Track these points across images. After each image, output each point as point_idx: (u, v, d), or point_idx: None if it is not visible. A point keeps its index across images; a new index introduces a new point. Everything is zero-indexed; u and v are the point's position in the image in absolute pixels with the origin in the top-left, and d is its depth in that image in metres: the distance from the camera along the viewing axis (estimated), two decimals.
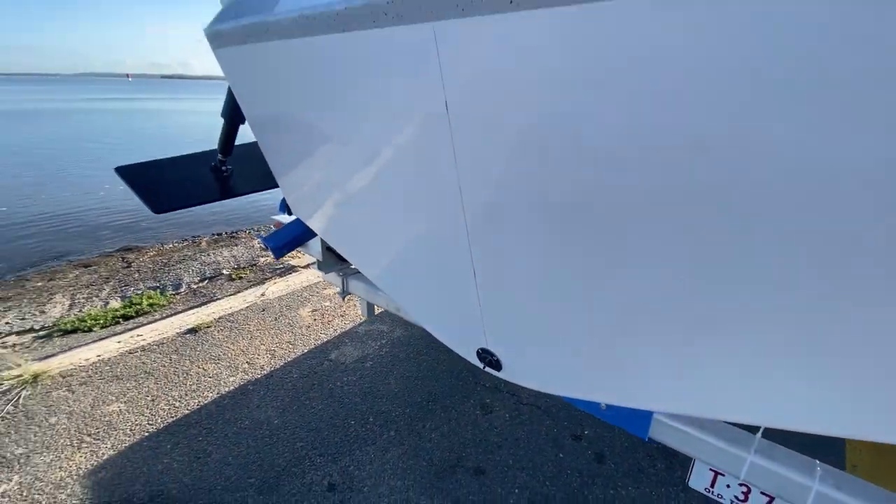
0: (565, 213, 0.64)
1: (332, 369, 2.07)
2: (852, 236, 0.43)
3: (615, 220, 0.60)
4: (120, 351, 2.22)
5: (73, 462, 1.55)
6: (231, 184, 1.43)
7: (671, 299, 0.63)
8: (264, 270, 3.37)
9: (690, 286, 0.58)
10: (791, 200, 0.44)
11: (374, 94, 0.78)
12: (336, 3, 0.71)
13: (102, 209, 6.66)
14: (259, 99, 1.12)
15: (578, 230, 0.65)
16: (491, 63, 0.57)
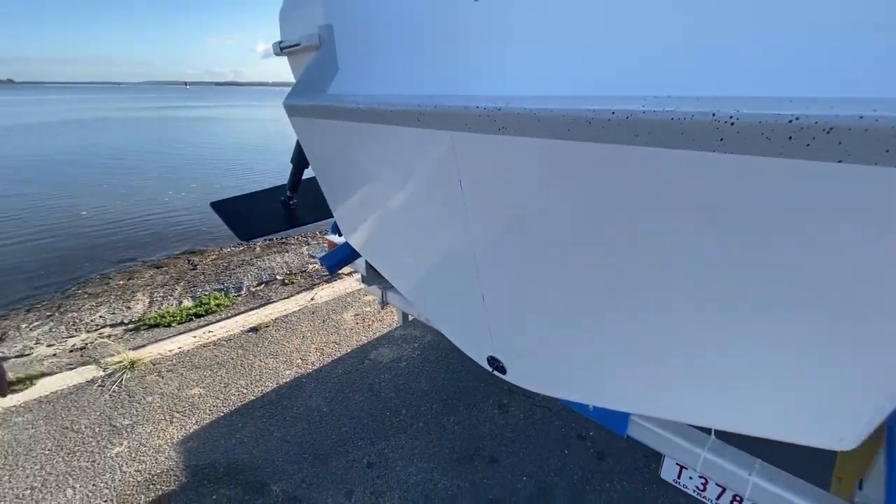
0: (549, 251, 0.90)
1: (371, 367, 2.38)
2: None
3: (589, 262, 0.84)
4: (196, 344, 2.64)
5: (167, 433, 1.93)
6: (297, 214, 1.77)
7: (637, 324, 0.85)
8: (313, 277, 3.76)
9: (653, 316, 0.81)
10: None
11: (407, 166, 1.06)
12: (383, 102, 1.00)
13: (167, 214, 7.38)
14: (322, 154, 1.43)
15: (561, 266, 0.90)
16: (488, 161, 0.85)
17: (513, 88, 0.97)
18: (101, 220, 6.75)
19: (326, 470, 1.73)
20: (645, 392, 0.97)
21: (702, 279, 0.65)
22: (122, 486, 1.67)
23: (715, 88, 0.54)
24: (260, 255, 4.74)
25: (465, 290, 1.17)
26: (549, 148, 0.69)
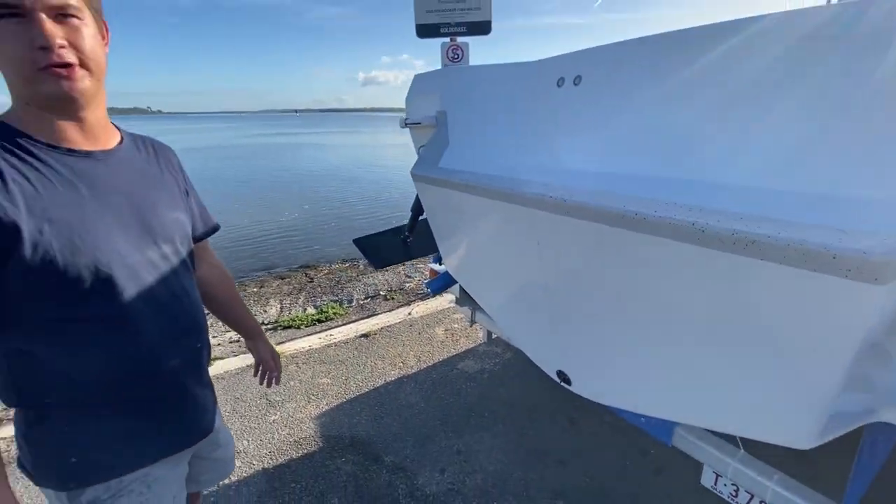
0: (599, 289, 1.24)
1: (459, 376, 2.83)
2: None
3: (632, 301, 1.18)
4: (321, 344, 3.30)
5: (306, 410, 2.55)
6: (412, 249, 2.30)
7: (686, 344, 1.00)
8: (409, 294, 4.35)
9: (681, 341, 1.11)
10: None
11: (496, 224, 1.48)
12: (476, 181, 1.44)
13: (285, 231, 8.62)
14: (434, 208, 1.92)
15: (611, 301, 1.24)
16: (557, 229, 1.24)
17: (576, 178, 1.36)
18: (233, 236, 8.05)
19: (424, 451, 2.20)
20: (679, 402, 1.27)
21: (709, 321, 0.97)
22: (279, 443, 2.28)
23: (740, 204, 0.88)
24: (364, 272, 5.48)
25: (538, 316, 1.56)
26: (597, 229, 1.06)
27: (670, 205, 0.93)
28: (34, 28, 0.69)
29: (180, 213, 0.98)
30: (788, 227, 0.75)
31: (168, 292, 0.90)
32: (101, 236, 0.79)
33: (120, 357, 0.84)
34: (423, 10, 3.59)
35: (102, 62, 0.80)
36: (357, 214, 10.02)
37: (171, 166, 1.01)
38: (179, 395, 0.96)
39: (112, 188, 0.84)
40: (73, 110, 0.79)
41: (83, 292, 0.78)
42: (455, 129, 1.85)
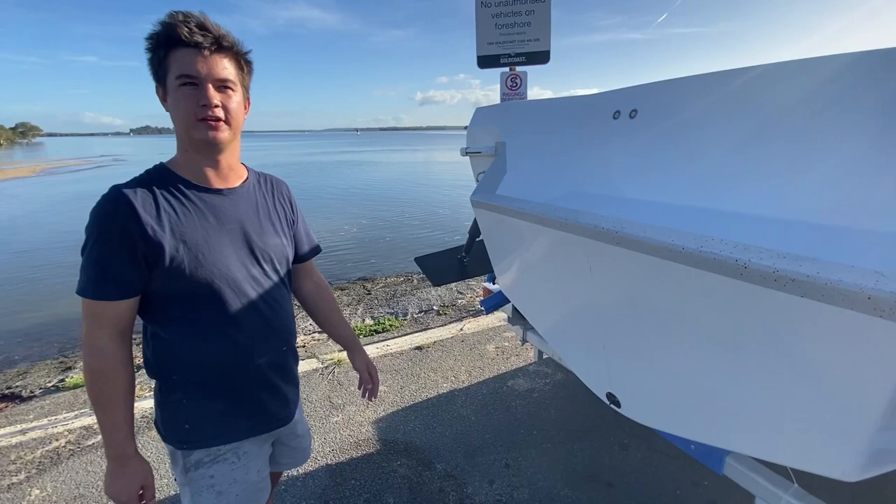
0: (651, 316, 1.31)
1: (509, 393, 2.91)
2: None
3: (683, 326, 1.24)
4: (378, 354, 3.51)
5: (365, 415, 2.74)
6: (468, 269, 2.45)
7: (732, 373, 1.03)
8: (461, 310, 4.49)
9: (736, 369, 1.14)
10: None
11: (550, 249, 1.58)
12: (530, 208, 1.55)
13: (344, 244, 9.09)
14: (491, 231, 2.06)
15: (662, 326, 1.30)
16: (610, 258, 1.34)
17: (628, 207, 1.44)
18: None
19: (474, 462, 2.30)
20: (728, 429, 1.30)
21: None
22: (341, 443, 2.48)
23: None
24: (418, 286, 5.70)
25: (590, 339, 1.63)
26: (647, 260, 1.14)
27: (716, 241, 1.01)
28: (202, 92, 0.95)
29: (282, 238, 1.19)
30: (828, 268, 0.81)
31: (263, 303, 1.11)
32: (217, 256, 1.02)
33: (222, 352, 1.06)
34: (485, 42, 3.81)
35: (240, 122, 1.04)
36: (410, 230, 10.43)
37: (282, 199, 1.25)
38: (266, 388, 1.16)
39: (231, 218, 1.07)
40: (214, 153, 1.03)
41: (201, 297, 1.01)
42: (513, 158, 1.99)
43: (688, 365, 1.23)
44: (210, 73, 0.95)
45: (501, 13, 3.72)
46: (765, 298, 0.91)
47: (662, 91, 1.42)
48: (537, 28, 3.71)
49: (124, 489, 1.00)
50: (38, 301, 6.32)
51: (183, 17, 0.93)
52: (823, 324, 0.83)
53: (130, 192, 0.95)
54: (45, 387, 3.56)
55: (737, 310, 0.99)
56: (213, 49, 0.95)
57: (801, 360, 0.92)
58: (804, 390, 0.95)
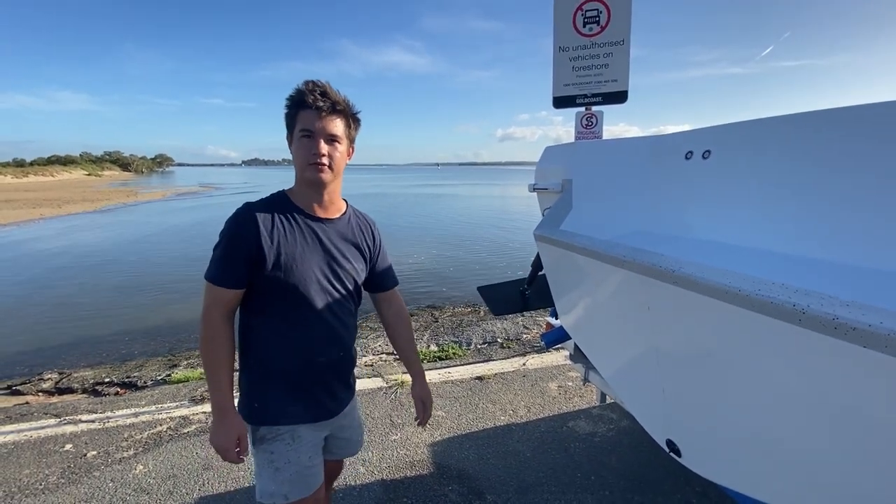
0: (713, 362, 1.26)
1: (568, 434, 2.82)
2: None
3: (733, 372, 1.19)
4: (440, 380, 3.60)
5: (422, 437, 2.81)
6: (530, 301, 2.49)
7: (799, 428, 0.96)
8: (525, 345, 4.45)
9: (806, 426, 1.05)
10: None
11: (611, 286, 1.59)
12: (595, 245, 1.57)
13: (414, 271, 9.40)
14: (553, 265, 2.09)
15: (724, 373, 1.24)
16: (669, 297, 1.33)
17: (692, 247, 1.43)
18: None
19: (525, 499, 2.26)
20: (799, 492, 1.18)
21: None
22: (397, 460, 2.57)
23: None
24: (484, 318, 5.74)
25: (649, 382, 1.59)
26: (707, 302, 1.12)
27: (775, 285, 0.98)
28: (315, 144, 1.23)
29: (358, 264, 1.42)
30: (889, 316, 0.77)
31: (331, 313, 1.33)
32: (306, 269, 1.27)
33: (293, 346, 1.28)
34: (561, 83, 3.92)
35: (341, 167, 1.31)
36: (479, 262, 10.59)
37: (368, 234, 1.47)
38: (321, 384, 1.35)
39: (325, 242, 1.32)
40: (319, 190, 1.30)
41: (288, 299, 1.26)
42: (579, 195, 2.04)
43: (753, 415, 1.17)
44: (323, 129, 1.22)
45: (580, 56, 3.83)
46: (827, 347, 0.88)
47: (736, 132, 1.41)
48: (615, 69, 3.76)
49: (225, 439, 1.23)
50: (158, 307, 7.35)
51: (312, 86, 1.21)
52: (888, 375, 0.78)
53: (256, 210, 1.24)
54: (156, 379, 4.12)
55: (797, 358, 0.95)
56: (328, 111, 1.22)
57: (875, 419, 0.86)
58: (884, 453, 0.87)
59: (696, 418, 1.44)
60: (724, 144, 1.48)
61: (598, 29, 3.73)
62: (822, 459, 1.01)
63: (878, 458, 0.88)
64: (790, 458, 1.09)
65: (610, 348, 1.87)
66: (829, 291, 0.92)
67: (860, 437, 0.90)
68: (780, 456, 1.13)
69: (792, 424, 1.05)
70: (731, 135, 1.46)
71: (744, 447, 1.28)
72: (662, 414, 1.60)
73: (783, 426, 1.08)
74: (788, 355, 0.98)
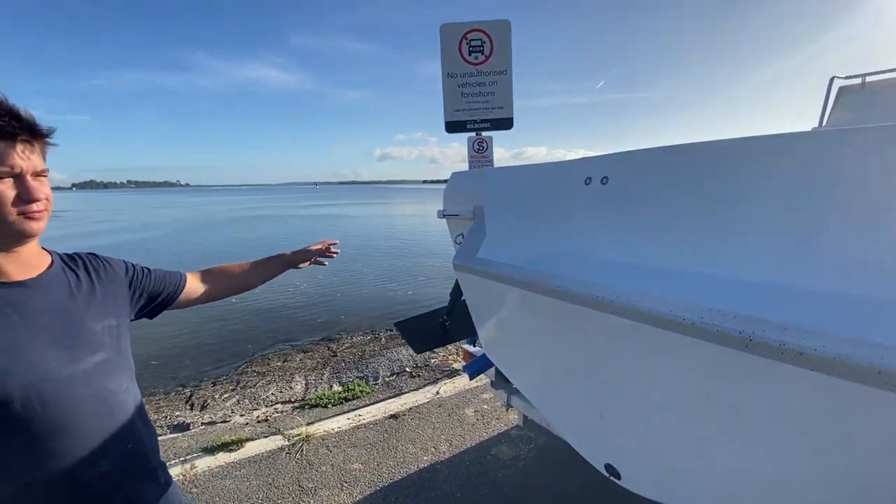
0: (652, 385, 1.28)
1: (493, 463, 2.77)
2: None
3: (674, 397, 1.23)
4: (350, 426, 3.28)
5: (339, 498, 2.49)
6: (450, 333, 2.39)
7: (741, 447, 1.00)
8: (435, 371, 4.34)
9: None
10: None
11: (536, 312, 1.56)
12: (523, 272, 1.54)
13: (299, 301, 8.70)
14: (473, 294, 2.02)
15: (663, 395, 1.27)
16: (599, 324, 1.32)
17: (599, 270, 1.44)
18: (248, 308, 8.13)
19: None
20: None
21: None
22: None
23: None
24: (387, 345, 5.51)
25: (584, 406, 1.59)
26: (643, 329, 1.12)
27: (714, 311, 1.00)
28: (25, 186, 0.87)
29: (111, 318, 1.04)
30: (831, 339, 0.81)
31: (98, 399, 0.95)
32: (33, 357, 0.86)
33: (47, 469, 0.88)
34: (452, 108, 3.99)
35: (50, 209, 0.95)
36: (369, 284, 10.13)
37: (106, 275, 1.09)
38: (116, 495, 0.98)
39: (42, 310, 0.91)
40: (25, 244, 0.92)
41: (16, 409, 0.84)
42: (492, 222, 2.01)
43: (693, 438, 1.20)
44: (31, 164, 0.88)
45: (467, 83, 3.94)
46: (769, 371, 0.89)
47: (629, 160, 1.49)
48: (500, 97, 3.95)
49: None
50: None
51: None
52: (834, 398, 0.83)
53: None
54: None
55: (739, 382, 0.98)
56: (29, 138, 0.88)
57: (813, 435, 0.91)
58: (817, 468, 0.94)
59: (635, 441, 1.45)
60: (619, 171, 1.55)
61: (482, 58, 3.89)
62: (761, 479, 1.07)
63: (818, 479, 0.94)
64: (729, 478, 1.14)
65: (540, 376, 1.84)
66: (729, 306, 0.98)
67: (796, 458, 0.96)
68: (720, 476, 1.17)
69: (726, 444, 1.09)
70: (625, 162, 1.53)
71: (684, 467, 1.31)
72: (600, 439, 1.60)
73: (718, 446, 1.12)
74: (720, 377, 1.00)
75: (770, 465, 1.05)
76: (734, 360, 0.95)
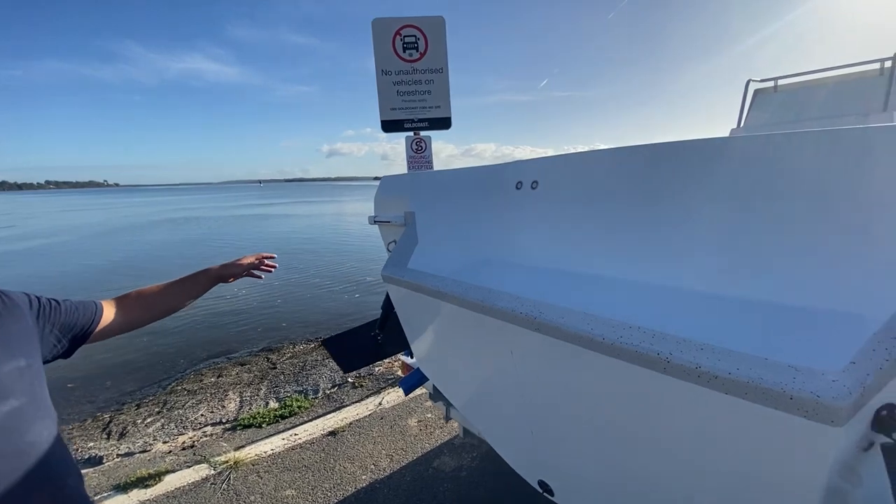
0: (578, 405, 1.24)
1: (435, 476, 2.68)
2: None
3: (599, 416, 1.19)
4: (284, 447, 3.07)
5: None
6: (384, 348, 2.26)
7: (664, 466, 0.99)
8: (379, 380, 4.19)
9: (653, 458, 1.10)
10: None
11: (468, 329, 1.47)
12: (451, 285, 1.43)
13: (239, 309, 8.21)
14: (404, 307, 1.91)
15: (588, 414, 1.24)
16: (530, 342, 1.26)
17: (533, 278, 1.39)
18: (186, 321, 7.58)
19: None
20: None
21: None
22: None
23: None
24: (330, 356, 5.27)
25: (517, 423, 1.53)
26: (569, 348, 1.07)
27: (634, 329, 0.95)
28: None
29: (18, 360, 0.94)
30: (747, 362, 0.77)
31: (17, 454, 0.85)
32: None
33: None
34: (388, 107, 3.84)
35: None
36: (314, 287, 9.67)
37: (6, 310, 0.97)
38: None
39: None
40: None
41: None
42: (423, 228, 1.90)
43: (620, 455, 1.17)
44: None
45: (402, 81, 3.80)
46: (686, 393, 0.86)
47: (558, 164, 1.44)
48: (437, 96, 3.85)
49: None
50: None
51: None
52: (748, 421, 0.80)
53: None
54: None
55: (661, 403, 0.94)
56: None
57: (733, 456, 0.89)
58: (738, 491, 0.92)
59: (566, 458, 1.42)
60: (548, 175, 1.50)
61: (417, 55, 3.77)
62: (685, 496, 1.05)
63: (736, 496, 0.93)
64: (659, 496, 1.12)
65: (473, 392, 1.77)
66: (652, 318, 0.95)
67: (718, 477, 0.94)
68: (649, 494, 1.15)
69: (654, 463, 1.07)
70: (553, 166, 1.49)
71: (612, 483, 1.29)
72: (532, 455, 1.55)
73: (645, 464, 1.10)
74: (640, 396, 0.97)
75: (692, 482, 1.03)
76: (653, 380, 0.91)
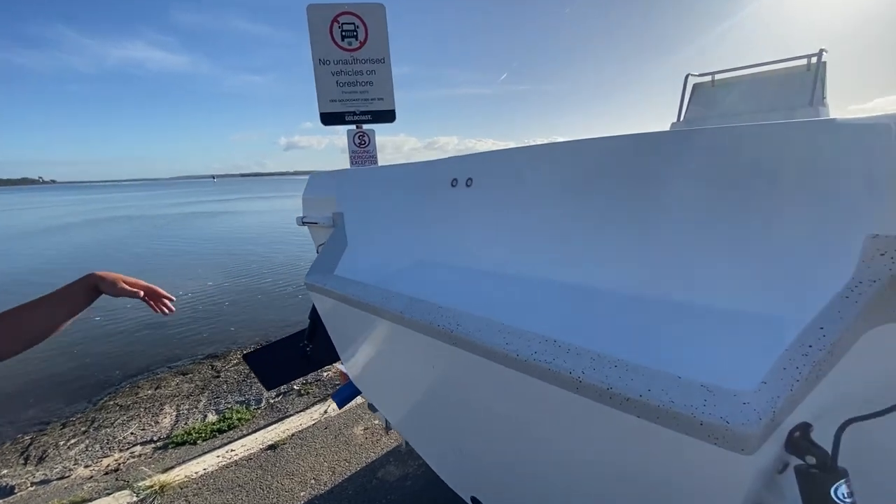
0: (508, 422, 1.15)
1: (379, 487, 2.56)
2: None
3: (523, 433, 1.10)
4: (219, 465, 2.86)
5: None
6: (313, 359, 2.10)
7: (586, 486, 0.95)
8: (327, 386, 4.02)
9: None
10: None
11: (393, 339, 1.35)
12: (375, 296, 1.30)
13: (188, 314, 7.76)
14: (330, 317, 1.77)
15: (519, 431, 1.14)
16: (453, 357, 1.16)
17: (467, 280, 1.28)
18: (128, 326, 7.12)
19: None
20: None
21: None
22: None
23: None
24: None
25: (447, 441, 1.44)
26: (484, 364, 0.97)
27: (549, 343, 0.87)
28: None
29: None
30: (659, 383, 0.70)
31: None
32: None
33: None
34: (327, 98, 3.63)
35: None
36: (264, 288, 9.19)
37: None
38: None
39: None
40: None
41: None
42: (353, 230, 1.77)
43: (551, 474, 1.09)
44: None
45: (342, 71, 3.60)
46: (602, 415, 0.78)
47: (493, 160, 1.36)
48: (380, 88, 3.68)
49: None
50: None
51: None
52: (661, 445, 0.73)
53: None
54: None
55: (576, 421, 0.87)
56: None
57: (646, 480, 0.83)
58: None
59: (495, 474, 1.34)
60: (483, 172, 1.41)
61: (357, 44, 3.57)
62: None
63: None
64: None
65: (404, 407, 1.66)
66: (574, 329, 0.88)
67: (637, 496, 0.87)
68: None
69: (575, 483, 1.01)
70: (487, 163, 1.40)
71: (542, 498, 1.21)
72: (462, 472, 1.47)
73: (569, 483, 1.04)
74: (558, 414, 0.90)
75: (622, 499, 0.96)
76: (568, 399, 0.83)
